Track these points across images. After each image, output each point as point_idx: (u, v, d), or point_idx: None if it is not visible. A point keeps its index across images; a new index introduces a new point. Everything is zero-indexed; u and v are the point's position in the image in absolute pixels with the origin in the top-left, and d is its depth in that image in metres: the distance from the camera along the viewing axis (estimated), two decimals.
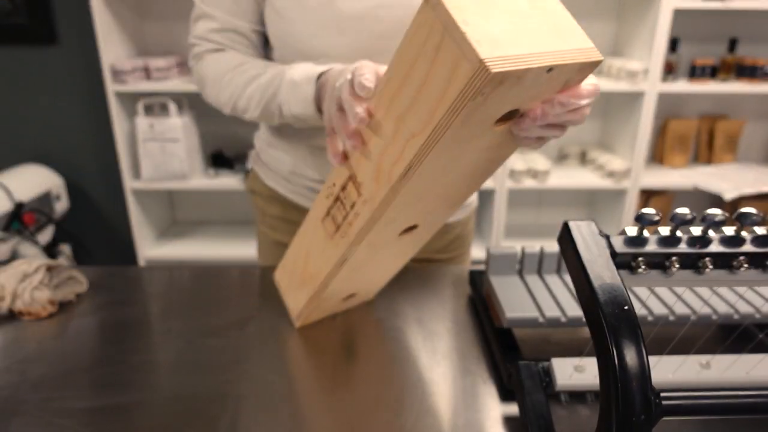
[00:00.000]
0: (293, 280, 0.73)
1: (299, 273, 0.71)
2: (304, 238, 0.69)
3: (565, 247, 0.47)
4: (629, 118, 2.11)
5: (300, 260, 0.71)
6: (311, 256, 0.68)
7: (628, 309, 0.41)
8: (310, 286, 0.69)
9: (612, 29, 2.23)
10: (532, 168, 2.12)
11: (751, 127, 2.35)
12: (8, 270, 0.79)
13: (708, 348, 0.62)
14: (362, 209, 0.57)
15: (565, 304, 0.66)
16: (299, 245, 0.71)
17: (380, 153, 0.52)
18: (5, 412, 0.59)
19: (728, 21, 2.18)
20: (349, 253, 0.62)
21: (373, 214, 0.56)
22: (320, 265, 0.66)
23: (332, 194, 0.60)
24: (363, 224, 0.58)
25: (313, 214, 0.65)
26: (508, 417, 0.59)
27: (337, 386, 0.64)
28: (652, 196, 2.30)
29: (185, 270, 0.94)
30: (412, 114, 0.47)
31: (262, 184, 0.99)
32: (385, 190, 0.53)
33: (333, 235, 0.63)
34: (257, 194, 1.01)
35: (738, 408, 0.42)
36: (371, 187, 0.55)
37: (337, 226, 0.61)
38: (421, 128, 0.47)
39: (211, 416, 0.59)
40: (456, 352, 0.70)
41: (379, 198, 0.54)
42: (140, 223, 2.17)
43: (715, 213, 0.46)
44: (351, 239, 0.60)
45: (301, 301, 0.72)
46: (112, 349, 0.70)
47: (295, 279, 0.72)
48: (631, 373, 0.38)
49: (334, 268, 0.64)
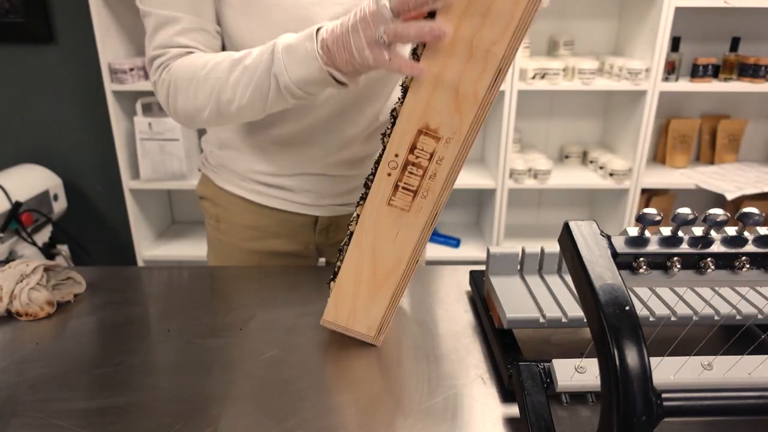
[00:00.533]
0: (359, 299, 0.69)
1: (368, 283, 0.68)
2: (360, 245, 0.66)
3: (565, 247, 0.46)
4: (630, 117, 2.11)
5: (364, 270, 0.67)
6: (381, 252, 0.66)
7: (629, 309, 0.40)
8: (391, 281, 0.67)
9: (613, 28, 2.22)
10: (532, 168, 2.11)
11: (753, 127, 2.35)
12: (6, 270, 0.78)
13: (710, 349, 0.61)
14: (446, 152, 0.59)
15: (565, 305, 0.66)
16: (357, 258, 0.67)
17: (458, 78, 0.55)
18: (3, 413, 0.59)
19: (730, 19, 2.17)
20: (439, 205, 0.63)
21: (461, 148, 0.59)
22: (399, 251, 0.65)
23: (397, 166, 0.61)
24: (450, 166, 0.60)
25: (372, 205, 0.63)
26: (508, 418, 0.59)
27: (337, 387, 0.64)
28: (654, 196, 2.30)
29: (184, 270, 0.94)
30: (487, 26, 0.52)
31: (214, 187, 0.96)
32: (472, 113, 0.56)
33: (410, 206, 0.63)
34: (208, 199, 0.99)
35: (740, 409, 0.42)
36: (453, 122, 0.57)
37: (414, 192, 0.62)
38: (500, 33, 0.52)
39: (210, 416, 0.58)
40: (456, 353, 0.69)
41: (467, 126, 0.57)
42: (139, 223, 2.17)
43: (716, 213, 0.46)
44: (438, 191, 0.61)
45: (379, 312, 0.69)
46: (110, 350, 0.70)
47: (362, 296, 0.69)
48: (633, 374, 0.38)
49: (423, 234, 0.64)
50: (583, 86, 2.00)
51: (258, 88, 0.70)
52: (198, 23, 0.77)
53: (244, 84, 0.71)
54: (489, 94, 0.56)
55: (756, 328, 0.72)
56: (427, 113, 0.57)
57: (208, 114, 0.75)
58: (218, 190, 0.96)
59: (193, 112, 0.76)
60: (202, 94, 0.74)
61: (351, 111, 0.86)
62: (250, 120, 0.79)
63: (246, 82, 0.71)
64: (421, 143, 0.58)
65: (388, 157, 0.60)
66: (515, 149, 2.23)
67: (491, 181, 2.12)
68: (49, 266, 0.81)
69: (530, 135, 2.38)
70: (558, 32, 2.20)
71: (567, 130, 2.38)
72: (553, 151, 2.40)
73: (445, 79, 0.55)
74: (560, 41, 2.14)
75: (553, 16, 2.20)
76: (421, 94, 0.56)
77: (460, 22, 0.52)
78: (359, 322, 0.70)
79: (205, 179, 0.99)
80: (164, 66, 0.77)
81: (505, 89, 1.98)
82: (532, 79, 1.99)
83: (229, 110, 0.73)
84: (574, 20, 2.20)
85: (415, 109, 0.57)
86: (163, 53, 0.77)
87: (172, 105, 0.77)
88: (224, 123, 0.79)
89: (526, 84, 1.99)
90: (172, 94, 0.76)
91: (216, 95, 0.73)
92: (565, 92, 2.28)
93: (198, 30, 0.77)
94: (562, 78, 2.02)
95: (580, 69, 2.00)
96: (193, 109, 0.76)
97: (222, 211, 0.97)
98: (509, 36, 0.53)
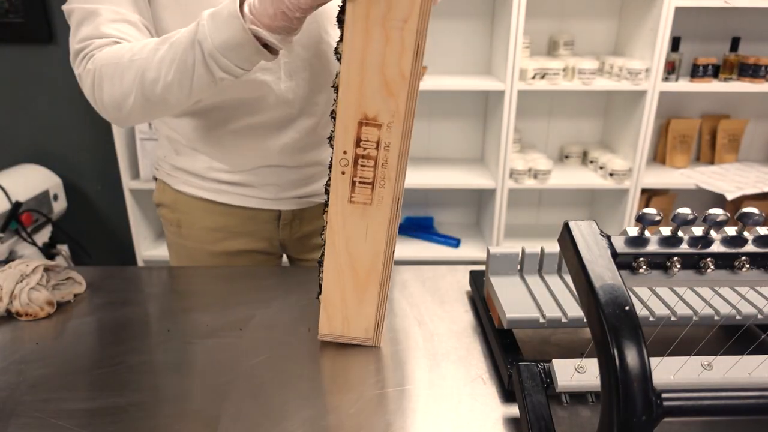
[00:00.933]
0: (348, 304, 0.69)
1: (352, 286, 0.68)
2: (335, 250, 0.65)
3: (565, 247, 0.46)
4: (631, 117, 2.11)
5: (345, 275, 0.67)
6: (356, 252, 0.66)
7: (629, 310, 0.40)
8: (374, 278, 0.67)
9: (613, 28, 2.22)
10: (532, 168, 2.11)
11: (754, 127, 2.34)
12: (6, 270, 0.78)
13: (710, 349, 0.61)
14: (390, 136, 0.60)
15: (565, 305, 0.66)
16: (335, 265, 0.66)
17: (381, 63, 0.55)
18: (3, 413, 0.59)
19: (730, 19, 2.17)
20: (398, 191, 0.63)
21: (404, 129, 0.59)
22: (373, 246, 0.65)
23: (348, 163, 0.61)
24: (398, 149, 0.60)
25: (335, 208, 0.63)
26: (508, 418, 0.59)
27: (337, 387, 0.64)
28: (654, 196, 2.30)
29: (184, 270, 0.94)
30: (394, 5, 0.53)
31: (172, 192, 0.95)
32: (404, 92, 0.57)
33: (371, 198, 0.63)
34: (166, 206, 0.98)
35: (740, 409, 0.41)
36: (389, 106, 0.58)
37: (372, 184, 0.62)
38: (408, 9, 0.53)
39: (209, 416, 0.58)
40: (456, 353, 0.69)
41: (403, 105, 0.58)
42: (139, 223, 2.17)
43: (716, 213, 0.46)
44: (393, 176, 0.62)
45: (371, 312, 0.69)
46: (110, 350, 0.70)
47: (351, 300, 0.68)
48: (632, 374, 0.38)
49: (392, 222, 0.64)
50: (583, 86, 2.00)
51: (183, 61, 0.67)
52: (121, 15, 0.75)
53: (170, 59, 0.68)
54: (415, 71, 0.57)
55: (756, 328, 0.72)
56: (362, 104, 0.58)
57: (134, 99, 0.71)
58: (176, 195, 0.95)
59: (120, 99, 0.72)
60: (127, 77, 0.71)
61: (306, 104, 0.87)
62: (179, 106, 0.74)
63: (171, 57, 0.68)
64: (365, 134, 0.59)
65: (338, 156, 0.61)
66: (515, 149, 2.23)
67: (491, 181, 2.12)
68: (49, 266, 0.81)
69: (530, 135, 2.38)
70: (558, 32, 2.20)
71: (567, 130, 2.38)
72: (553, 151, 2.40)
73: (369, 67, 0.56)
74: (560, 41, 2.14)
75: (553, 16, 2.20)
76: (352, 87, 0.56)
77: (369, 8, 0.53)
78: (355, 327, 0.70)
79: (162, 185, 0.98)
80: (89, 56, 0.74)
81: (505, 89, 1.98)
82: (532, 79, 1.99)
83: (154, 91, 0.70)
84: (574, 20, 2.20)
85: (350, 103, 0.57)
86: (88, 45, 0.74)
87: (98, 95, 0.74)
88: (152, 112, 0.75)
89: (526, 84, 1.99)
90: (97, 83, 0.73)
91: (141, 75, 0.70)
92: (565, 92, 2.28)
93: (122, 21, 0.75)
94: (562, 78, 2.02)
95: (580, 69, 2.00)
96: (120, 95, 0.72)
97: (182, 215, 0.96)
98: (417, 9, 0.54)
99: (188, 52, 0.66)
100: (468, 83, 2.04)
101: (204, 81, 0.68)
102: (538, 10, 2.15)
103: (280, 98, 0.84)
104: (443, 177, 2.16)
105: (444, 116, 2.34)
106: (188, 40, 0.66)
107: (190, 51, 0.66)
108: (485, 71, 2.27)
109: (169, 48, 0.68)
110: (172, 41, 0.68)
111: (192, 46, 0.66)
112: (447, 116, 2.35)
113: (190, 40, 0.66)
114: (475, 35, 2.22)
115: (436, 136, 2.38)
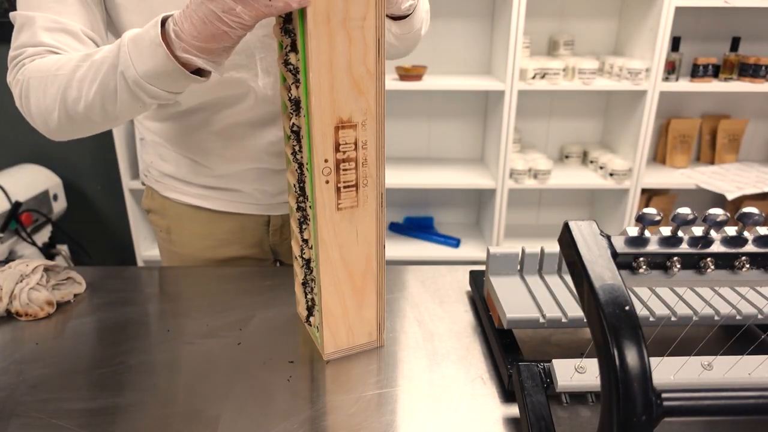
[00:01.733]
0: (349, 313, 0.68)
1: (351, 294, 0.67)
2: (330, 263, 0.64)
3: (565, 247, 0.46)
4: (631, 117, 2.11)
5: (343, 285, 0.66)
6: (350, 258, 0.65)
7: (629, 309, 0.40)
8: (370, 279, 0.67)
9: (613, 28, 2.22)
10: (532, 168, 2.11)
11: (754, 127, 2.35)
12: (6, 270, 0.78)
13: (710, 349, 0.61)
14: (366, 134, 0.59)
15: (565, 305, 0.66)
16: (332, 278, 0.65)
17: (347, 64, 0.56)
18: (3, 413, 0.59)
19: (730, 19, 2.17)
20: (381, 186, 0.63)
21: (377, 125, 0.60)
22: (365, 248, 0.65)
23: (331, 170, 0.60)
24: (375, 144, 0.60)
25: (324, 219, 0.62)
26: (508, 418, 0.59)
27: (336, 386, 0.64)
28: (654, 195, 2.30)
29: (184, 270, 0.94)
30: (351, 5, 0.53)
31: (160, 198, 0.95)
32: (373, 88, 0.57)
33: (357, 200, 0.62)
34: (155, 212, 0.97)
35: (740, 409, 0.41)
36: (360, 105, 0.58)
37: (356, 186, 0.61)
38: (365, 6, 0.54)
39: (210, 416, 0.58)
40: (456, 353, 0.69)
41: (373, 101, 0.58)
42: (138, 224, 2.17)
43: (716, 213, 0.46)
44: (374, 173, 0.62)
45: (372, 314, 0.68)
46: (110, 350, 0.70)
47: (351, 308, 0.67)
48: (632, 374, 0.38)
49: (378, 220, 0.64)
50: (583, 86, 2.00)
51: (104, 84, 0.64)
52: (59, 24, 0.71)
53: (90, 80, 0.65)
54: (380, 66, 0.58)
55: (756, 328, 0.72)
56: (336, 108, 0.57)
57: (58, 115, 0.69)
58: (165, 201, 0.94)
59: (45, 113, 0.70)
60: (50, 92, 0.67)
61: None
62: (109, 125, 0.72)
63: (92, 77, 0.64)
64: (342, 137, 0.59)
65: (319, 166, 0.59)
66: (515, 149, 2.23)
67: (491, 181, 2.12)
68: (49, 266, 0.81)
69: (530, 135, 2.38)
70: (558, 32, 2.20)
71: (567, 130, 2.38)
72: (553, 151, 2.40)
73: (337, 70, 0.56)
74: (560, 41, 2.14)
75: (553, 16, 2.20)
76: (324, 93, 0.56)
77: (329, 11, 0.53)
78: (359, 335, 0.69)
79: (150, 191, 0.97)
80: (20, 65, 0.71)
81: (505, 89, 1.98)
82: (532, 79, 1.99)
83: (76, 110, 0.67)
84: (574, 20, 2.20)
85: (324, 110, 0.57)
86: (21, 53, 0.71)
87: (25, 106, 0.71)
88: (77, 129, 0.72)
89: (526, 84, 1.99)
90: (24, 94, 0.70)
91: (63, 92, 0.67)
92: (565, 92, 2.28)
93: (60, 30, 0.71)
94: (562, 78, 2.02)
95: (580, 69, 2.00)
96: (44, 109, 0.69)
97: (171, 222, 0.95)
98: (373, 5, 0.55)
99: (110, 76, 0.63)
100: (468, 83, 2.04)
101: (131, 106, 0.66)
102: (538, 10, 2.15)
103: (260, 96, 0.82)
104: (443, 177, 2.16)
105: (444, 116, 2.35)
106: (110, 63, 0.63)
107: (111, 76, 0.63)
108: (485, 71, 2.27)
109: (90, 66, 0.65)
110: (93, 59, 0.65)
111: (113, 72, 0.63)
112: (447, 116, 2.35)
113: (111, 66, 0.63)
114: (475, 35, 2.22)
115: (436, 136, 2.38)
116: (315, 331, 0.70)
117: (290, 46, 0.57)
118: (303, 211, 0.64)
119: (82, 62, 0.65)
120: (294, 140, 0.62)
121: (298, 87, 0.58)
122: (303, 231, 0.65)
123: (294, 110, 0.60)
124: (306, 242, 0.66)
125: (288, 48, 0.58)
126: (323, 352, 0.68)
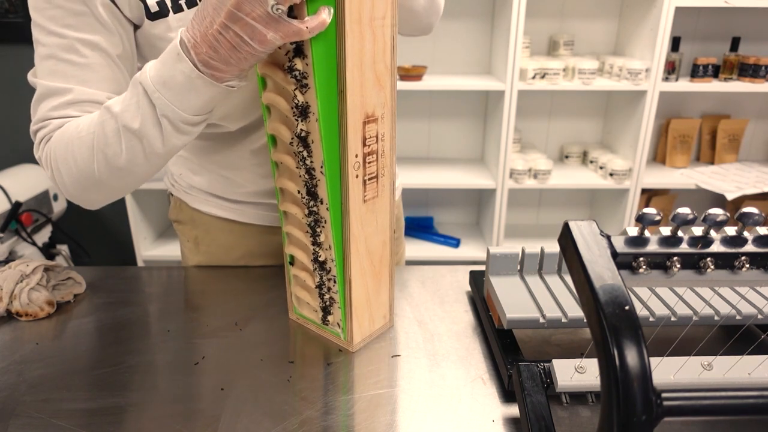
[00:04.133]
0: (371, 301, 0.69)
1: (372, 282, 0.68)
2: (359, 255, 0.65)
3: (565, 247, 0.46)
4: (631, 117, 2.11)
5: (367, 275, 0.67)
6: (372, 247, 0.66)
7: (629, 309, 0.40)
8: (385, 264, 0.69)
9: (613, 28, 2.22)
10: (533, 168, 2.11)
11: (754, 127, 2.35)
12: (6, 270, 0.78)
13: (710, 349, 0.61)
14: (384, 127, 0.62)
15: (565, 305, 0.66)
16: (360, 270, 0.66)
17: (372, 61, 0.57)
18: (3, 413, 0.59)
19: (730, 19, 2.17)
20: (393, 174, 0.66)
21: (391, 117, 0.62)
22: (382, 234, 0.67)
23: (360, 164, 0.61)
24: (390, 135, 0.63)
25: (354, 213, 0.62)
26: (508, 418, 0.59)
27: (336, 386, 0.64)
28: (654, 195, 2.30)
29: (184, 270, 0.94)
30: (376, 4, 0.55)
31: (189, 210, 0.93)
32: (389, 83, 0.60)
33: (377, 190, 0.64)
34: (183, 223, 0.96)
35: (740, 408, 0.41)
36: (380, 99, 0.60)
37: (376, 177, 0.63)
38: (385, 5, 0.56)
39: (210, 416, 0.58)
40: (456, 353, 0.69)
41: (389, 96, 0.61)
42: (139, 223, 2.17)
43: (716, 213, 0.46)
44: (388, 163, 0.64)
45: (385, 297, 0.71)
46: (110, 350, 0.70)
47: (372, 296, 0.69)
48: (632, 374, 0.38)
49: (391, 206, 0.67)
50: (583, 86, 2.00)
51: (142, 134, 0.61)
52: (87, 95, 0.66)
53: (122, 132, 0.61)
54: (394, 61, 0.61)
55: (756, 328, 0.72)
56: (364, 104, 0.59)
57: (98, 172, 0.64)
58: (194, 212, 0.93)
59: (81, 179, 0.65)
60: (82, 154, 0.63)
61: None
62: (150, 172, 0.67)
63: (123, 129, 0.61)
64: (368, 131, 0.60)
65: (350, 162, 0.59)
66: (515, 149, 2.23)
67: (491, 181, 2.12)
68: (49, 266, 0.81)
69: (530, 135, 2.38)
70: (558, 32, 2.20)
71: (567, 130, 2.38)
72: (553, 151, 2.40)
73: (366, 68, 0.57)
74: (560, 41, 2.14)
75: (553, 16, 2.20)
76: (356, 91, 0.57)
77: (360, 11, 0.54)
78: (377, 319, 0.72)
79: (178, 202, 0.95)
80: (45, 140, 0.67)
81: (506, 89, 1.98)
82: (532, 79, 1.99)
83: (117, 163, 0.63)
84: (574, 20, 2.20)
85: (356, 106, 0.58)
86: (45, 125, 0.67)
87: (59, 180, 0.67)
88: (123, 179, 0.66)
89: (526, 84, 1.99)
90: (54, 167, 0.66)
91: (99, 150, 0.62)
92: (565, 92, 2.28)
93: (87, 102, 0.66)
94: (562, 78, 2.02)
95: (580, 69, 2.00)
96: (79, 175, 0.64)
97: (200, 232, 0.94)
98: (390, 4, 0.57)
99: (151, 126, 0.60)
100: (468, 83, 2.04)
101: (179, 139, 0.63)
102: (538, 10, 2.15)
103: None
104: (443, 177, 2.16)
105: (444, 116, 2.35)
106: (148, 115, 0.59)
107: (153, 126, 0.60)
108: (485, 71, 2.27)
109: (116, 119, 0.61)
110: (115, 112, 0.61)
111: (154, 121, 0.60)
112: (447, 116, 2.35)
113: (150, 116, 0.59)
114: (475, 35, 2.22)
115: (436, 136, 2.38)
116: (334, 329, 0.71)
117: (293, 51, 0.57)
118: (315, 215, 0.64)
119: (106, 117, 0.62)
120: (300, 146, 0.61)
121: (304, 92, 0.57)
122: (318, 235, 0.65)
123: (301, 116, 0.59)
124: (320, 245, 0.65)
125: (291, 54, 0.57)
126: (351, 344, 0.69)
